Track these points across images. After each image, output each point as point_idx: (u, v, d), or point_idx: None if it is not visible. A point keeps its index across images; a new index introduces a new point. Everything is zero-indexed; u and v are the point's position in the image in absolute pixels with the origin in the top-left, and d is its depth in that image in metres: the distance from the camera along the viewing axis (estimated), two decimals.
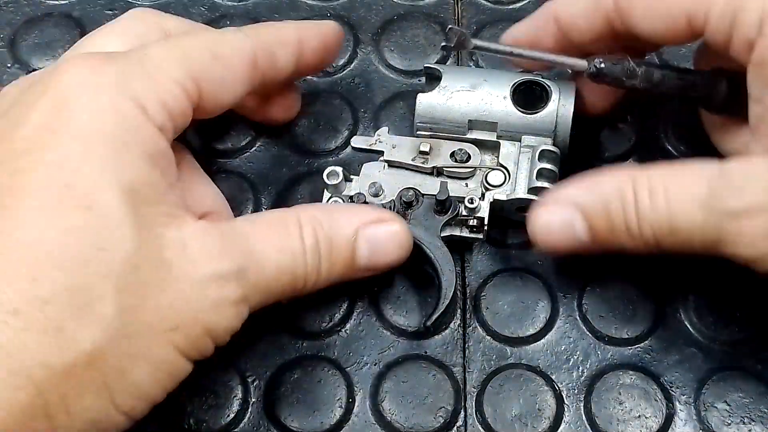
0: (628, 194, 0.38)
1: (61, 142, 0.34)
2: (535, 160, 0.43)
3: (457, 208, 0.43)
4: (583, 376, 0.43)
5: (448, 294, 0.42)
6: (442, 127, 0.45)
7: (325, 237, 0.39)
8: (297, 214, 0.39)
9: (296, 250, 0.38)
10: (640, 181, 0.38)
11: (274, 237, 0.38)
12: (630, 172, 0.39)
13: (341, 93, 0.51)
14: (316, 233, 0.39)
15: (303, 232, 0.39)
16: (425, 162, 0.44)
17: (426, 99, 0.45)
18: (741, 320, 0.44)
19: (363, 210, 0.41)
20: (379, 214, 0.41)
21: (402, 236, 0.41)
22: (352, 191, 0.44)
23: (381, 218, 0.41)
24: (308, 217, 0.39)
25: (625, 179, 0.38)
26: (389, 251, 0.41)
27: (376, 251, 0.40)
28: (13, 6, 0.54)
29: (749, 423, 0.42)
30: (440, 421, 0.42)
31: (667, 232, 0.38)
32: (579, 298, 0.45)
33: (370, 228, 0.40)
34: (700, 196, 0.37)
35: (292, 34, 0.42)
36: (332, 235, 0.39)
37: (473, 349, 0.44)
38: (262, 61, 0.40)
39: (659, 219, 0.37)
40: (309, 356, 0.44)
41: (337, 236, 0.39)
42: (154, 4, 0.54)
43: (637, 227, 0.38)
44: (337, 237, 0.39)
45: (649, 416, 0.42)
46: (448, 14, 0.53)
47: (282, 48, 0.41)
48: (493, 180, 0.44)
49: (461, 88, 0.45)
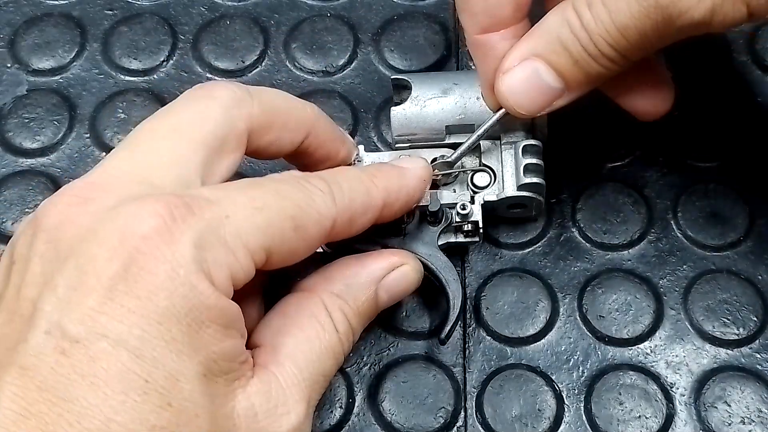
0: (572, 18, 0.38)
1: (137, 324, 0.31)
2: (519, 156, 0.43)
3: (449, 217, 0.43)
4: (583, 377, 0.43)
5: (456, 304, 0.41)
6: (420, 137, 0.45)
7: (352, 314, 0.39)
8: (321, 302, 0.38)
9: (335, 347, 0.38)
10: (578, 1, 0.38)
11: (315, 345, 0.37)
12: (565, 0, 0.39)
13: (341, 93, 0.51)
14: (345, 315, 0.38)
15: (334, 320, 0.38)
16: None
17: (400, 111, 0.45)
18: (741, 320, 0.44)
19: (375, 262, 0.40)
20: (388, 259, 0.41)
21: (414, 274, 0.41)
22: None
23: (392, 264, 0.40)
24: (332, 301, 0.38)
25: (566, 6, 0.39)
26: (405, 290, 0.41)
27: (394, 294, 0.41)
28: (13, 6, 0.54)
29: (749, 423, 0.42)
30: (440, 421, 0.42)
31: (618, 36, 0.37)
32: (579, 298, 0.45)
33: (386, 278, 0.40)
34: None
35: (379, 199, 0.39)
36: (358, 305, 0.39)
37: (473, 350, 0.44)
38: (339, 227, 0.38)
39: (606, 26, 0.37)
40: None
41: (362, 305, 0.39)
42: (155, 3, 0.54)
43: (593, 45, 0.38)
44: (363, 305, 0.39)
45: (650, 416, 0.42)
46: (448, 14, 0.53)
47: (362, 216, 0.38)
48: (480, 181, 0.44)
49: (433, 95, 0.45)
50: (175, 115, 0.38)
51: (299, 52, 0.52)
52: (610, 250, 0.46)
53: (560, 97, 0.40)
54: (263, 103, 0.39)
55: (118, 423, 0.31)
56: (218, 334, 0.33)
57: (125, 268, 0.32)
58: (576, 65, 0.39)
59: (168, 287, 0.32)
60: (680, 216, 0.46)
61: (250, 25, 0.53)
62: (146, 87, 0.51)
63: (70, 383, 0.31)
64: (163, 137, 0.37)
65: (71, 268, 0.32)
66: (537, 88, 0.40)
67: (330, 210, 0.37)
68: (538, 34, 0.40)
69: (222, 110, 0.38)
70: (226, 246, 0.33)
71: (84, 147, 0.50)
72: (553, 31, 0.39)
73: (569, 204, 0.47)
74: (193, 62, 0.52)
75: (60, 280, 0.32)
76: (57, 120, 0.51)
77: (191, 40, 0.53)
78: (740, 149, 0.48)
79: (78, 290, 0.32)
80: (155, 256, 0.32)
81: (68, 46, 0.53)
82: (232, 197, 0.35)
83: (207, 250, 0.33)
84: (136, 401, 0.31)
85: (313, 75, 0.51)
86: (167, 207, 0.33)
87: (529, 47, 0.40)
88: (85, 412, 0.30)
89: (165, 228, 0.32)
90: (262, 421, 0.34)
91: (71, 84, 0.52)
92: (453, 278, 0.42)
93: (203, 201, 0.34)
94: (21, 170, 0.49)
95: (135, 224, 0.33)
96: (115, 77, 0.52)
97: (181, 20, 0.53)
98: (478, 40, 0.41)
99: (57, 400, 0.31)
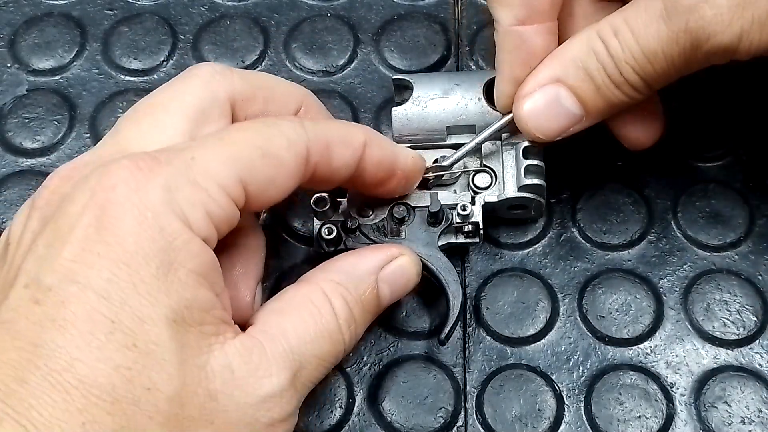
0: (597, 45, 0.39)
1: (106, 267, 0.32)
2: (520, 157, 0.43)
3: (450, 217, 0.43)
4: (583, 377, 0.43)
5: (456, 305, 0.41)
6: (421, 137, 0.45)
7: (354, 301, 0.39)
8: (321, 289, 0.38)
9: (333, 331, 0.38)
10: (603, 28, 0.39)
11: (311, 326, 0.37)
12: (592, 26, 0.39)
13: (341, 93, 0.51)
14: (345, 302, 0.38)
15: (334, 307, 0.38)
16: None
17: (401, 112, 0.45)
18: (741, 320, 0.44)
19: (373, 254, 0.40)
20: (386, 251, 0.41)
21: (413, 267, 0.41)
22: (341, 215, 0.43)
23: (389, 255, 0.40)
24: (332, 287, 0.38)
25: (590, 34, 0.39)
26: (406, 283, 0.41)
27: (395, 288, 0.40)
28: (13, 6, 0.54)
29: (749, 423, 0.42)
30: (440, 421, 0.42)
31: (645, 62, 0.38)
32: (579, 298, 0.45)
33: (385, 269, 0.40)
34: (657, 11, 0.37)
35: (359, 135, 0.39)
36: (359, 295, 0.39)
37: (473, 350, 0.44)
38: (316, 157, 0.38)
39: (633, 52, 0.38)
40: None
41: (363, 294, 0.39)
42: (155, 3, 0.54)
43: (618, 73, 0.38)
44: (365, 295, 0.39)
45: (650, 416, 0.42)
46: (448, 14, 0.53)
47: (342, 147, 0.38)
48: (480, 182, 0.44)
49: (434, 95, 0.45)
50: (156, 94, 0.40)
51: (299, 52, 0.52)
52: (610, 250, 0.46)
53: (578, 123, 0.41)
54: (245, 77, 0.40)
55: (82, 362, 0.31)
56: (190, 280, 0.34)
57: (97, 219, 0.33)
58: (598, 92, 0.39)
59: (136, 230, 0.33)
60: (680, 216, 0.46)
61: (250, 25, 0.53)
62: (146, 87, 0.51)
63: (42, 329, 0.32)
64: (145, 114, 0.39)
65: (50, 230, 0.34)
66: (557, 113, 0.40)
67: (300, 135, 0.37)
68: (560, 59, 0.40)
69: (202, 83, 0.39)
70: (196, 184, 0.34)
71: (84, 147, 0.50)
72: (577, 57, 0.39)
73: (569, 204, 0.47)
74: (193, 62, 0.52)
75: (40, 241, 0.34)
76: (57, 120, 0.51)
77: (191, 40, 0.53)
78: (740, 149, 0.48)
79: (54, 246, 0.33)
80: (123, 202, 0.33)
81: (68, 46, 0.53)
82: (199, 143, 0.36)
83: (177, 191, 0.34)
84: (101, 341, 0.32)
85: (313, 75, 0.51)
86: (133, 161, 0.34)
87: (551, 72, 0.40)
88: (51, 354, 0.31)
89: (132, 178, 0.34)
90: (239, 380, 0.34)
91: (71, 84, 0.52)
92: (453, 279, 0.42)
93: (170, 151, 0.35)
94: (21, 170, 0.49)
95: (104, 180, 0.34)
96: (115, 77, 0.52)
97: (181, 20, 0.53)
98: (511, 31, 0.41)
99: (27, 345, 0.31)
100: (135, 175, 0.34)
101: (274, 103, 0.41)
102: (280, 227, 0.47)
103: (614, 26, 0.38)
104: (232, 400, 0.34)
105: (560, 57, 0.40)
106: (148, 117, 0.38)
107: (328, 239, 0.42)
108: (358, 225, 0.43)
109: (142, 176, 0.34)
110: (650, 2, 0.38)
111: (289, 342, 0.36)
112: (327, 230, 0.42)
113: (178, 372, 0.33)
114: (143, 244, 0.33)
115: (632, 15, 0.38)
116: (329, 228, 0.42)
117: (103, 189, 0.34)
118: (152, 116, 0.38)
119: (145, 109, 0.39)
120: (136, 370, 0.32)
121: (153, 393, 0.32)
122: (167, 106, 0.39)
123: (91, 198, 0.34)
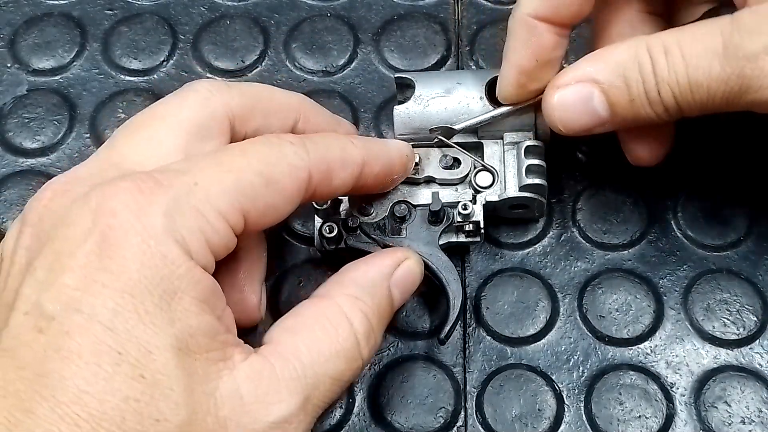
0: (644, 58, 0.38)
1: (111, 297, 0.32)
2: (522, 156, 0.43)
3: (451, 216, 0.43)
4: (583, 376, 0.43)
5: (456, 304, 0.41)
6: (422, 136, 0.44)
7: (371, 312, 0.38)
8: (337, 304, 0.38)
9: (349, 348, 0.37)
10: (654, 43, 0.38)
11: (325, 345, 0.36)
12: (642, 37, 0.39)
13: (341, 93, 0.51)
14: (365, 315, 0.38)
15: (353, 323, 0.37)
16: (417, 173, 0.44)
17: (403, 110, 0.45)
18: (741, 320, 0.44)
19: (382, 260, 0.40)
20: (393, 255, 0.40)
21: (418, 267, 0.41)
22: (342, 214, 0.43)
23: (397, 259, 0.40)
24: (350, 302, 0.38)
25: (639, 45, 0.38)
26: (413, 285, 0.41)
27: (404, 291, 0.40)
28: (13, 6, 0.54)
29: (749, 423, 0.42)
30: (440, 421, 0.42)
31: (687, 90, 0.37)
32: (579, 298, 0.45)
33: (395, 274, 0.40)
34: (715, 47, 0.37)
35: (357, 155, 0.39)
36: (375, 305, 0.39)
37: (473, 350, 0.44)
38: (317, 180, 0.37)
39: (678, 77, 0.37)
40: None
41: (380, 304, 0.39)
42: (155, 3, 0.54)
43: (656, 91, 0.38)
44: (381, 304, 0.39)
45: (650, 416, 0.42)
46: (448, 14, 0.53)
47: (342, 170, 0.38)
48: (482, 181, 0.44)
49: (436, 94, 0.45)
50: (154, 108, 0.39)
51: (299, 52, 0.52)
52: (610, 250, 0.46)
53: (601, 126, 0.40)
54: (243, 91, 0.40)
55: (90, 394, 0.31)
56: (193, 307, 0.33)
57: (99, 245, 0.33)
58: (630, 103, 0.39)
59: (140, 259, 0.33)
60: (680, 216, 0.46)
61: (250, 25, 0.53)
62: (146, 87, 0.51)
63: (46, 359, 0.31)
64: (141, 128, 0.38)
65: (49, 252, 0.33)
66: (584, 111, 0.40)
67: (303, 160, 0.37)
68: (602, 61, 0.40)
69: (200, 99, 0.39)
70: (196, 212, 0.34)
71: (84, 147, 0.50)
72: (620, 64, 0.39)
73: (569, 204, 0.47)
74: (193, 62, 0.52)
75: (38, 264, 0.33)
76: (57, 120, 0.51)
77: (191, 40, 0.53)
78: (740, 149, 0.48)
79: (55, 271, 0.33)
80: (126, 229, 0.33)
81: (68, 46, 0.53)
82: (200, 165, 0.35)
83: (178, 218, 0.33)
84: (109, 372, 0.31)
85: (313, 75, 0.51)
86: (135, 183, 0.34)
87: (589, 71, 0.40)
88: (58, 385, 0.31)
89: (134, 202, 0.33)
90: (248, 405, 0.34)
91: (71, 84, 0.52)
92: (453, 278, 0.42)
93: (171, 174, 0.35)
94: (21, 170, 0.49)
95: (105, 203, 0.33)
96: (115, 77, 0.52)
97: (181, 20, 0.53)
98: (527, 21, 0.41)
99: (33, 376, 0.31)
100: (137, 198, 0.33)
101: (272, 117, 0.41)
102: (280, 227, 0.47)
103: (666, 45, 0.38)
104: (240, 427, 0.34)
105: (604, 58, 0.40)
106: (144, 131, 0.38)
107: (329, 237, 0.42)
108: (359, 224, 0.43)
109: (144, 200, 0.33)
110: (710, 35, 0.37)
111: (302, 362, 0.36)
112: (328, 228, 0.42)
113: (186, 401, 0.32)
114: (146, 273, 0.32)
115: (688, 40, 0.38)
116: (330, 226, 0.42)
117: (104, 213, 0.33)
118: (148, 131, 0.38)
119: (141, 123, 0.39)
120: (144, 402, 0.32)
121: (162, 424, 0.32)
122: (164, 121, 0.38)
123: (92, 222, 0.33)
